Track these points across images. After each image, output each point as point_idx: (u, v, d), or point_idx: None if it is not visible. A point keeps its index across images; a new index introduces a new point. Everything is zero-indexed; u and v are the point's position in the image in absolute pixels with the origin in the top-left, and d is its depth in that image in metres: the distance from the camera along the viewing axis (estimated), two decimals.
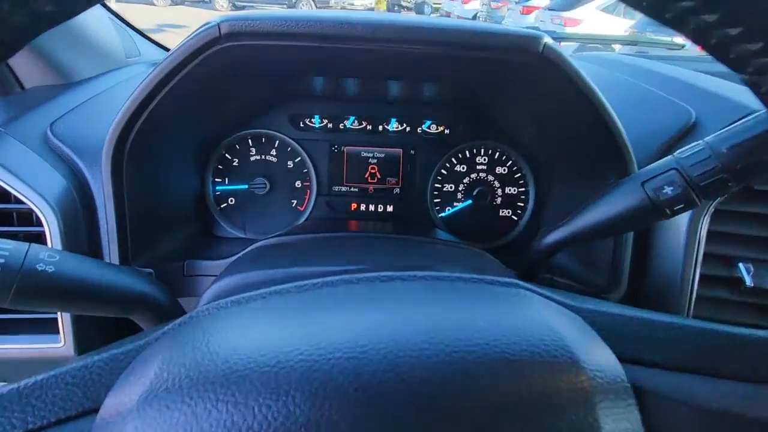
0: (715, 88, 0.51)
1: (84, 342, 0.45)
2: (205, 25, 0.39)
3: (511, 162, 0.61)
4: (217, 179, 0.60)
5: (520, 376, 0.16)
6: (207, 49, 0.38)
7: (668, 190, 0.31)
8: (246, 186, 0.60)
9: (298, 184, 0.61)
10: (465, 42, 0.39)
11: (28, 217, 0.43)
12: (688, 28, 0.18)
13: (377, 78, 0.51)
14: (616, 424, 0.16)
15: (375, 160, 0.62)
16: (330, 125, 0.61)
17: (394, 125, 0.61)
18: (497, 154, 0.61)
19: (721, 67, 0.20)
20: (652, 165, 0.33)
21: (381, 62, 0.44)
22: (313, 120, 0.60)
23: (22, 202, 0.41)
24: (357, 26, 0.38)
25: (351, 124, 0.61)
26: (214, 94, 0.49)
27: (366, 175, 0.62)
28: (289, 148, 0.61)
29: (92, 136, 0.47)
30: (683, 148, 0.32)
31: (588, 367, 0.17)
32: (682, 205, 0.31)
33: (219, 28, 0.38)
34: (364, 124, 0.61)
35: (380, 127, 0.61)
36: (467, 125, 0.60)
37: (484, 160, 0.62)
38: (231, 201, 0.61)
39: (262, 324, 0.18)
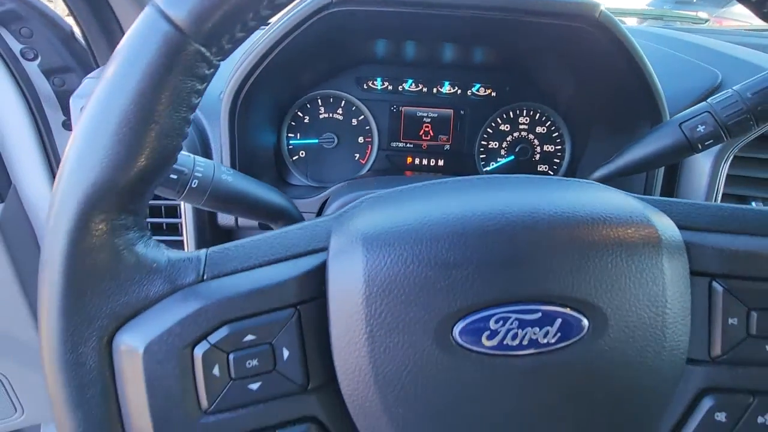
0: (739, 54, 0.58)
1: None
2: None
3: (550, 122, 0.69)
4: (290, 134, 0.69)
5: (604, 223, 0.24)
6: (319, 12, 0.46)
7: (701, 128, 0.39)
8: (317, 140, 0.68)
9: (360, 139, 0.69)
10: (532, 8, 0.46)
11: None
12: None
13: (439, 41, 0.58)
14: (673, 269, 0.23)
15: (429, 120, 0.69)
16: (390, 87, 0.69)
17: (446, 88, 0.69)
18: (538, 114, 0.69)
19: (743, 40, 0.28)
20: (687, 110, 0.41)
21: (450, 27, 0.52)
22: (375, 82, 0.68)
23: None
24: None
25: (409, 87, 0.69)
26: (301, 58, 0.57)
27: (420, 133, 0.70)
28: (353, 108, 0.69)
29: (208, 92, 0.56)
30: (714, 96, 0.40)
31: (657, 225, 0.24)
32: (711, 141, 0.39)
33: None
34: (420, 87, 0.69)
35: (434, 90, 0.69)
36: (512, 88, 0.68)
37: (526, 120, 0.69)
38: (302, 154, 0.69)
39: (441, 197, 0.26)
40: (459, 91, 0.69)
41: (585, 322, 0.23)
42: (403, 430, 0.23)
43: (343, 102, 0.69)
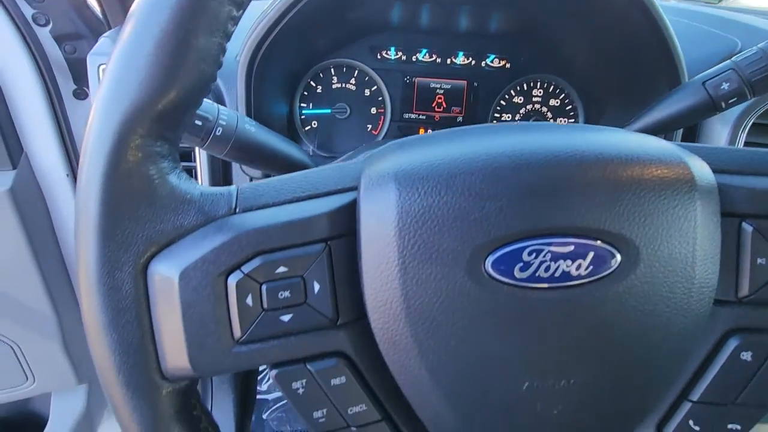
0: (758, 24, 0.58)
1: None
2: None
3: (564, 95, 0.69)
4: (303, 104, 0.68)
5: (639, 161, 0.24)
6: None
7: (725, 86, 0.39)
8: (329, 111, 0.68)
9: (373, 110, 0.69)
10: None
11: None
12: None
13: (456, 5, 0.58)
14: (704, 209, 0.23)
15: (442, 91, 0.69)
16: (404, 57, 0.68)
17: (461, 59, 0.68)
18: (552, 87, 0.69)
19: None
20: (710, 69, 0.41)
21: None
22: (389, 52, 0.68)
23: None
24: None
25: (422, 57, 0.68)
26: (315, 23, 0.57)
27: (433, 104, 0.69)
28: (366, 78, 0.68)
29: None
30: (737, 55, 0.40)
31: (691, 166, 0.24)
32: (735, 99, 0.39)
33: None
34: (434, 57, 0.68)
35: (448, 60, 0.68)
36: (527, 59, 0.67)
37: (540, 92, 0.69)
38: (314, 124, 0.69)
39: (470, 139, 0.26)
40: (473, 62, 0.68)
41: (617, 256, 0.23)
42: (433, 363, 0.24)
43: (357, 72, 0.68)
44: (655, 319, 0.23)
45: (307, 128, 0.69)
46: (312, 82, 0.68)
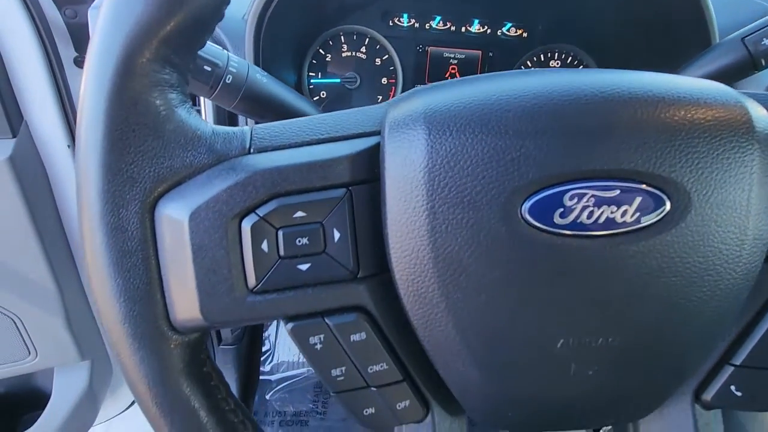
0: None
1: None
2: None
3: (582, 66, 0.66)
4: (311, 73, 0.66)
5: (694, 101, 0.21)
6: None
7: (766, 41, 0.36)
8: (339, 80, 0.66)
9: (384, 80, 0.67)
10: None
11: None
12: None
13: None
14: (763, 157, 0.21)
15: (455, 61, 0.67)
16: (417, 24, 0.65)
17: (476, 27, 0.66)
18: (570, 58, 0.66)
19: None
20: (749, 26, 0.38)
21: None
22: (401, 18, 0.65)
23: None
24: None
25: (436, 25, 0.66)
26: None
27: (446, 75, 0.67)
28: (378, 46, 0.66)
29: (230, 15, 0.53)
30: None
31: (751, 112, 0.22)
32: None
33: None
34: (448, 25, 0.66)
35: (463, 29, 0.66)
36: (545, 27, 0.65)
37: (557, 64, 0.66)
38: (323, 94, 0.67)
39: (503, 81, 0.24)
40: (488, 31, 0.66)
41: (666, 201, 0.21)
42: (460, 318, 0.22)
43: (367, 39, 0.66)
44: (704, 272, 0.22)
45: (315, 99, 0.67)
46: (321, 50, 0.65)
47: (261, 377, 1.09)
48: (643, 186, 0.21)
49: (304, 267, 0.22)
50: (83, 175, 0.20)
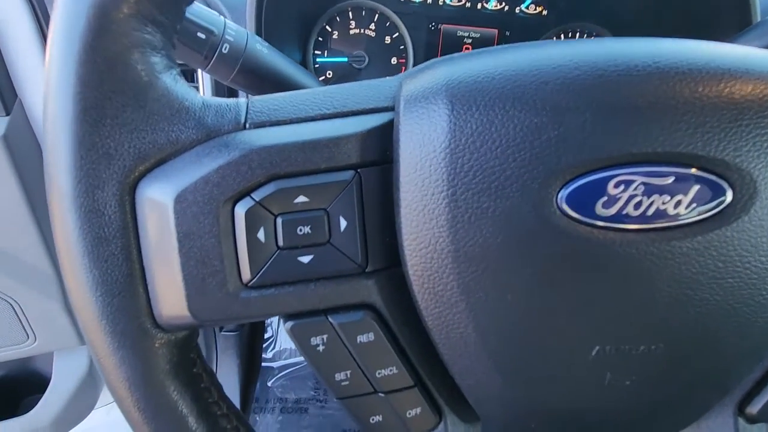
0: None
1: None
2: None
3: None
4: (317, 51, 0.63)
5: (762, 75, 0.18)
6: None
7: None
8: (346, 59, 0.62)
9: (393, 60, 0.63)
10: None
11: None
12: None
13: None
14: None
15: (470, 40, 0.63)
16: (429, 0, 0.62)
17: (492, 3, 0.62)
18: (592, 37, 0.62)
19: None
20: None
21: None
22: None
23: None
24: None
25: (450, 1, 0.62)
26: None
27: None
28: (388, 23, 0.62)
29: None
30: None
31: None
32: None
33: None
34: (463, 1, 0.62)
35: (478, 5, 0.62)
36: (566, 5, 0.61)
37: None
38: (329, 74, 0.63)
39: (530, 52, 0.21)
40: (506, 8, 0.62)
41: (728, 191, 0.18)
42: (482, 320, 0.19)
43: (377, 16, 0.62)
44: (766, 273, 0.19)
45: (321, 78, 0.63)
46: (328, 27, 0.62)
47: (263, 364, 1.08)
48: (703, 173, 0.18)
49: (305, 259, 0.19)
50: (52, 150, 0.17)
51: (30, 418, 0.87)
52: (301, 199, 0.19)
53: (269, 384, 1.08)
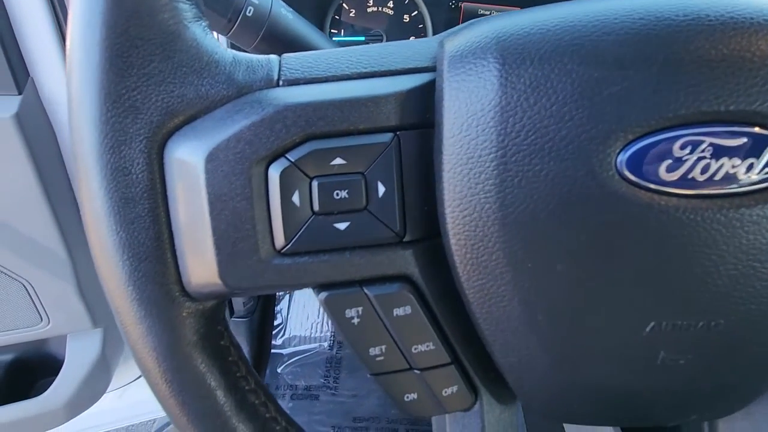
0: None
1: None
2: None
3: None
4: (333, 30, 0.61)
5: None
6: None
7: None
8: (363, 38, 0.61)
9: (412, 39, 0.62)
10: None
11: None
12: None
13: None
14: None
15: None
16: None
17: None
18: None
19: None
20: None
21: None
22: None
23: None
24: None
25: None
26: None
27: None
28: (406, 0, 0.60)
29: None
30: None
31: None
32: None
33: None
34: None
35: None
36: None
37: None
38: None
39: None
40: None
41: None
42: (529, 293, 0.18)
43: None
44: None
45: None
46: (345, 5, 0.60)
47: (272, 350, 1.08)
48: None
49: (341, 226, 0.18)
50: (76, 103, 0.16)
51: (43, 400, 0.88)
52: (338, 161, 0.18)
53: (279, 370, 1.08)
